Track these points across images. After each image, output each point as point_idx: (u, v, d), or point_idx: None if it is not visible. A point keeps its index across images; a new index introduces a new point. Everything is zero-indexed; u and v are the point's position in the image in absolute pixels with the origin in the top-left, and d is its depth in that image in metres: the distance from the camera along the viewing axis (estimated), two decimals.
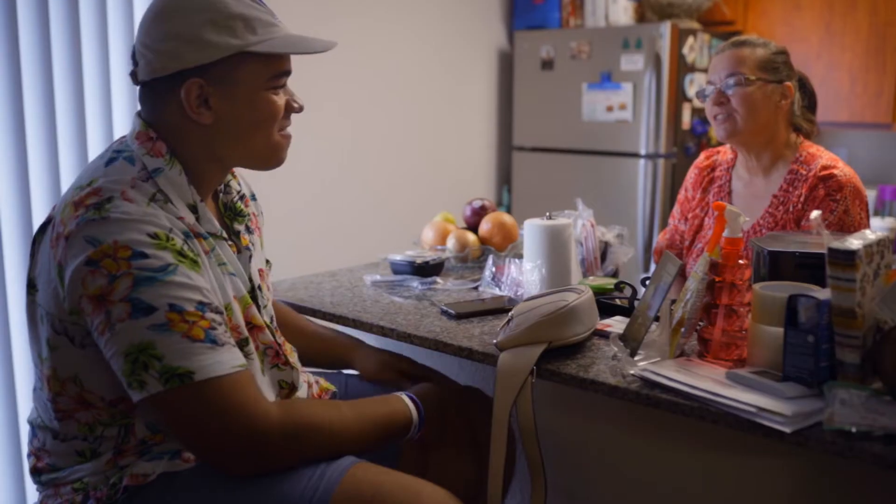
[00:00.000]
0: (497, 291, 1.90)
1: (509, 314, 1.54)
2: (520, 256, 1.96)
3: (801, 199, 1.96)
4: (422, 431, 1.44)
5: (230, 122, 1.30)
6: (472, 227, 2.37)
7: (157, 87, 1.28)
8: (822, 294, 1.24)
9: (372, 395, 1.45)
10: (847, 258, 1.21)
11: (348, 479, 1.24)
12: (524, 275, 1.84)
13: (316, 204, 3.46)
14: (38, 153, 2.41)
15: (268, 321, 1.43)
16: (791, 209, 1.98)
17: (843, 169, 1.94)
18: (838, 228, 1.88)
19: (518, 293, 1.83)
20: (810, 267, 1.42)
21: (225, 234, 1.36)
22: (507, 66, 4.35)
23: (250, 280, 1.41)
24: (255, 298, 1.41)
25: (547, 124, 4.14)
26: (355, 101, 3.61)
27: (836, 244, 1.22)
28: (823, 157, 1.99)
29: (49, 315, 1.23)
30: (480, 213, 2.37)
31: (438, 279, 2.03)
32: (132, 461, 1.28)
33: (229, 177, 1.47)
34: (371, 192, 3.72)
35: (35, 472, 1.35)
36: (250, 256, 1.43)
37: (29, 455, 1.37)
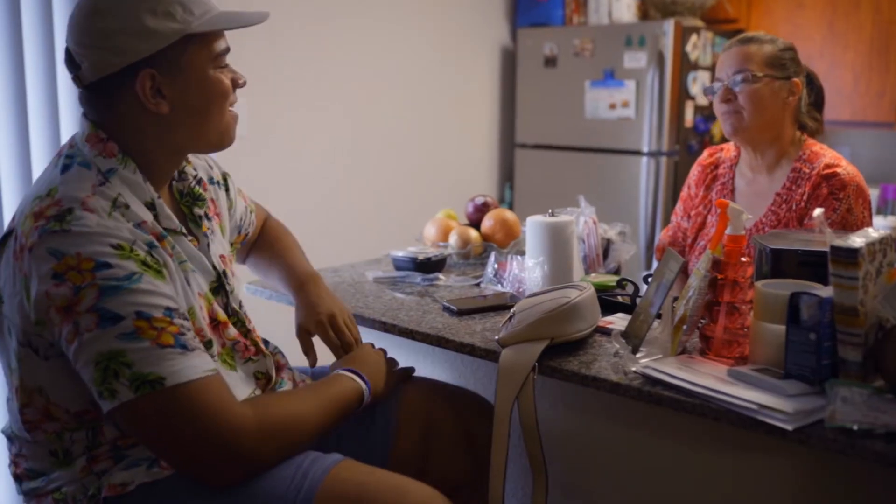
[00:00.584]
0: (499, 288, 1.90)
1: (511, 311, 1.54)
2: (522, 253, 1.96)
3: (805, 197, 1.96)
4: (372, 395, 1.44)
5: (185, 107, 1.29)
6: (475, 223, 2.37)
7: (106, 85, 1.26)
8: (825, 292, 1.24)
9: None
10: (849, 256, 1.21)
11: (331, 478, 1.23)
12: (526, 271, 1.84)
13: (319, 201, 3.46)
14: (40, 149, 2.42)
15: (236, 307, 1.43)
16: (794, 207, 1.97)
17: (846, 167, 1.94)
18: (841, 227, 1.88)
19: (520, 290, 1.83)
20: (813, 265, 1.42)
21: (183, 230, 1.35)
22: (510, 63, 4.35)
23: (214, 268, 1.39)
24: (221, 286, 1.40)
25: (550, 121, 4.14)
26: (358, 98, 3.61)
27: (839, 242, 1.22)
28: (827, 155, 1.99)
29: (14, 327, 1.22)
30: (483, 209, 2.37)
31: (440, 275, 2.03)
32: (108, 468, 1.26)
33: (184, 163, 1.45)
34: (374, 189, 3.72)
35: (17, 479, 1.34)
36: (208, 244, 1.42)
37: (9, 464, 1.36)
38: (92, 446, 1.26)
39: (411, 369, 1.66)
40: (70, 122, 2.47)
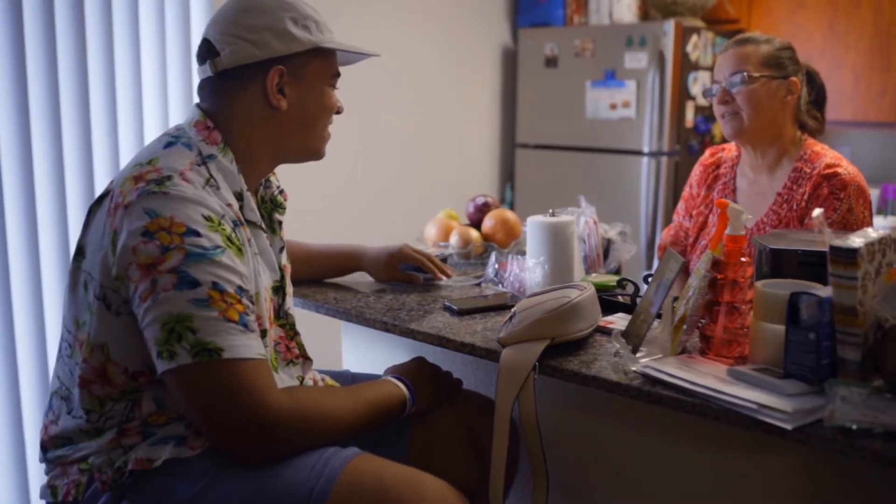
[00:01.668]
0: (500, 288, 1.91)
1: (512, 310, 1.54)
2: (522, 253, 1.96)
3: (805, 197, 1.96)
4: (416, 406, 1.48)
5: (299, 110, 1.44)
6: (476, 223, 2.37)
7: (239, 74, 1.39)
8: (824, 292, 1.24)
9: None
10: (849, 256, 1.21)
11: (350, 469, 1.26)
12: (527, 271, 1.84)
13: (321, 201, 3.47)
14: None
15: (288, 310, 1.51)
16: (795, 207, 1.98)
17: (847, 167, 1.94)
18: (841, 227, 1.88)
19: (520, 290, 1.84)
20: (812, 265, 1.42)
21: (263, 225, 1.45)
22: (510, 63, 4.35)
23: (280, 269, 1.49)
24: (281, 288, 1.48)
25: (550, 122, 4.14)
26: (359, 98, 3.61)
27: (838, 242, 1.23)
28: (828, 155, 1.99)
29: (93, 281, 1.29)
30: (483, 209, 2.37)
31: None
32: (136, 442, 1.30)
33: (270, 174, 1.56)
34: (375, 189, 3.72)
35: (43, 447, 1.38)
36: (281, 248, 1.53)
37: (43, 427, 1.40)
38: (125, 420, 1.31)
39: (459, 382, 1.69)
40: (71, 120, 2.49)
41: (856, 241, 1.23)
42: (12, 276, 2.36)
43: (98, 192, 2.49)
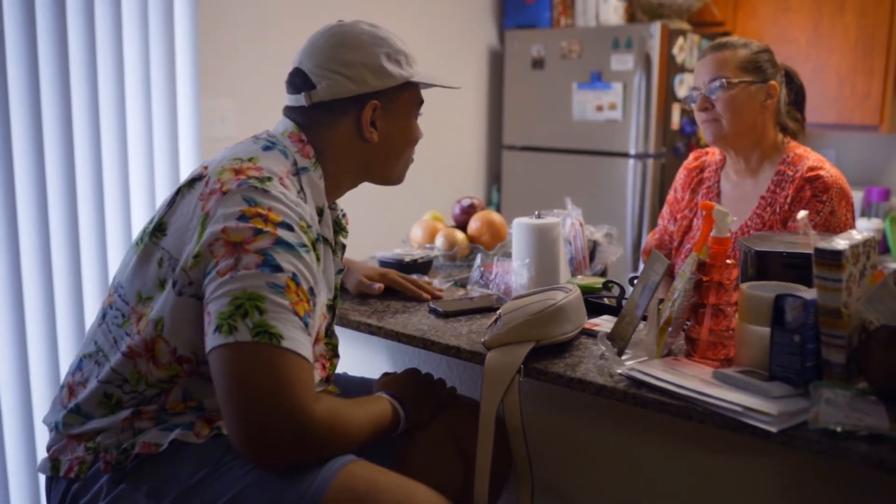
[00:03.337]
0: (485, 290, 1.90)
1: (497, 313, 1.53)
2: (508, 255, 1.96)
3: (788, 199, 1.96)
4: (409, 423, 1.46)
5: (388, 142, 1.50)
6: (461, 225, 2.36)
7: (333, 106, 1.44)
8: (809, 294, 1.24)
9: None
10: (833, 258, 1.21)
11: (344, 474, 1.25)
12: (512, 273, 1.84)
13: None
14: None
15: (334, 331, 1.54)
16: (778, 210, 1.98)
17: (829, 170, 1.95)
18: (824, 229, 1.88)
19: (506, 292, 1.83)
20: (797, 267, 1.42)
21: (333, 244, 1.51)
22: (497, 65, 4.35)
23: (336, 289, 1.53)
24: (333, 307, 1.53)
25: (537, 123, 4.14)
26: None
27: (823, 244, 1.23)
28: (810, 158, 1.99)
29: (168, 258, 1.30)
30: (469, 211, 2.37)
31: (427, 277, 2.03)
32: (148, 427, 1.30)
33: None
34: (359, 190, 3.69)
35: (61, 408, 1.37)
36: (340, 271, 1.57)
37: (65, 385, 1.40)
38: (146, 403, 1.31)
39: (453, 391, 1.68)
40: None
41: (840, 243, 1.23)
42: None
43: (79, 187, 2.49)
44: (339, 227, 1.61)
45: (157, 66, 2.73)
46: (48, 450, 1.37)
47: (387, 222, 3.63)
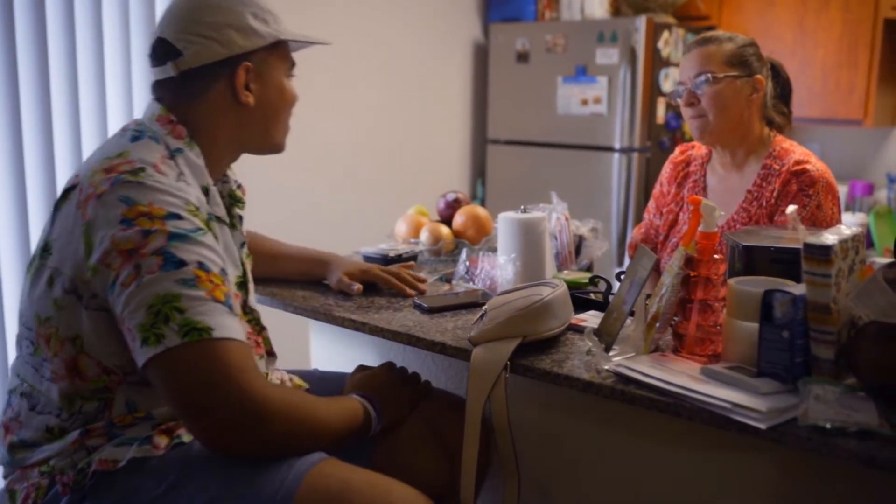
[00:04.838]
0: (470, 285, 1.88)
1: (483, 308, 1.52)
2: (494, 250, 1.94)
3: (774, 193, 1.96)
4: (381, 423, 1.44)
5: (264, 105, 1.43)
6: (446, 220, 2.35)
7: (204, 73, 1.36)
8: (798, 289, 1.23)
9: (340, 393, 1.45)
10: (822, 254, 1.20)
11: (315, 473, 1.23)
12: (498, 269, 1.82)
13: (289, 197, 3.42)
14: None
15: (253, 306, 1.48)
16: (765, 204, 1.98)
17: (815, 164, 1.94)
18: (811, 223, 1.88)
19: (491, 287, 1.81)
20: (785, 262, 1.41)
21: (228, 220, 1.43)
22: (482, 58, 4.33)
23: (242, 264, 1.47)
24: (244, 284, 1.46)
25: (522, 117, 4.13)
26: (328, 93, 3.57)
27: (812, 240, 1.22)
28: (797, 152, 1.99)
29: (61, 276, 1.25)
30: (454, 206, 2.35)
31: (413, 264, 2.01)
32: (100, 444, 1.26)
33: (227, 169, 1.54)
34: (344, 185, 3.68)
35: (7, 447, 1.34)
36: (242, 243, 1.50)
37: (1, 425, 1.36)
38: (92, 420, 1.27)
39: (427, 386, 1.64)
40: (62, 116, 2.45)
41: (829, 238, 1.22)
42: None
43: (59, 189, 2.44)
44: (235, 199, 1.53)
45: (137, 63, 2.70)
46: (4, 479, 1.34)
47: (371, 217, 3.61)
